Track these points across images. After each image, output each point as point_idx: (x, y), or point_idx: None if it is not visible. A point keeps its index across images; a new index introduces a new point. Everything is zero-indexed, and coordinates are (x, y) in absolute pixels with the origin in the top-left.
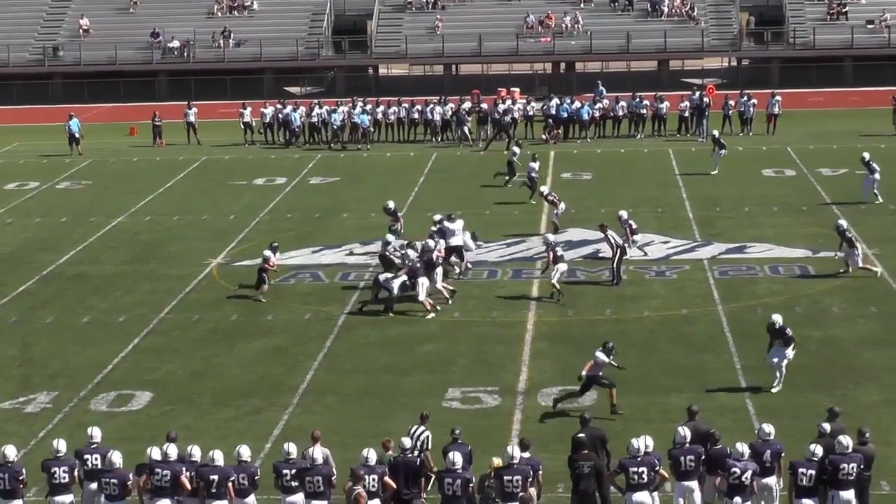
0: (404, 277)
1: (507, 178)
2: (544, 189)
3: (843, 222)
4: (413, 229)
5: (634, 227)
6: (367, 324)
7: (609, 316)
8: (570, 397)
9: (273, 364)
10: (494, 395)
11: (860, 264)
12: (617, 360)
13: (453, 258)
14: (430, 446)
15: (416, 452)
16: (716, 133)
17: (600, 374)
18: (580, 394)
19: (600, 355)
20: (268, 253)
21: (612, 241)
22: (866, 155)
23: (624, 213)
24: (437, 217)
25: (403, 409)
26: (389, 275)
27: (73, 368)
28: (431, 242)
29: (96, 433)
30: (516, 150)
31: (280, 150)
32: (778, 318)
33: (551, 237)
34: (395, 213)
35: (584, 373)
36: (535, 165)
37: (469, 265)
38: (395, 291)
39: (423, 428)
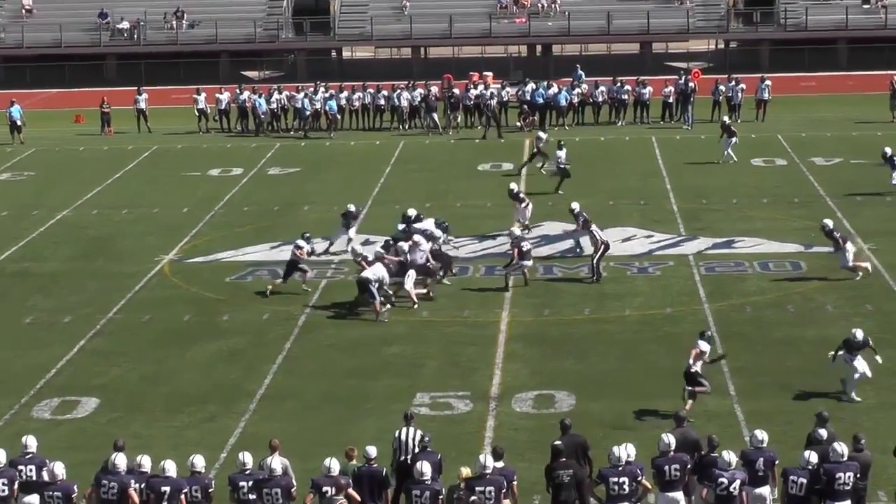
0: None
1: (540, 164)
2: (514, 186)
3: (829, 221)
4: (378, 224)
5: (587, 220)
6: (329, 325)
7: (588, 315)
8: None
9: (229, 368)
10: (466, 400)
11: (849, 264)
12: (712, 353)
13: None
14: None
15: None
16: (726, 119)
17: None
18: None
19: (702, 343)
20: (301, 242)
21: (597, 236)
22: (888, 150)
23: (576, 206)
24: (413, 212)
25: (369, 415)
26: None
27: (13, 373)
28: (404, 245)
29: (31, 442)
30: (543, 135)
31: (237, 139)
32: (859, 333)
33: (517, 231)
34: (356, 216)
35: (690, 362)
36: (563, 155)
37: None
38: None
39: (412, 429)
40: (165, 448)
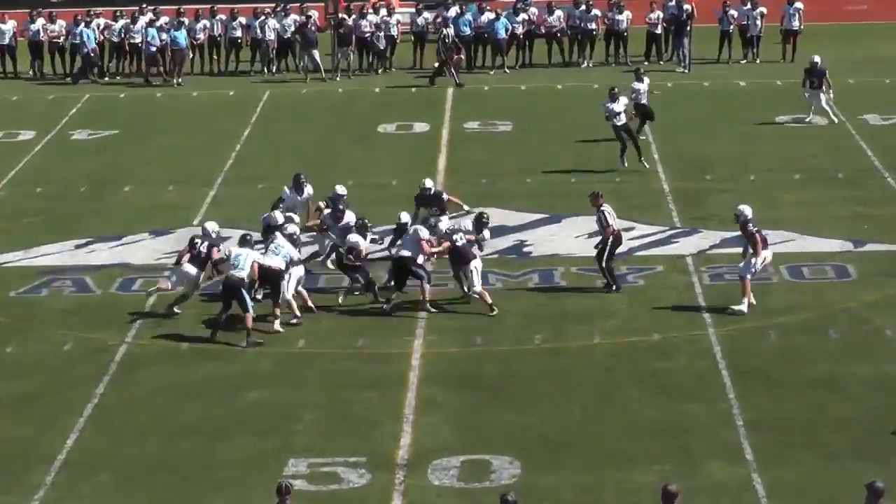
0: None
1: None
2: (430, 183)
3: (747, 209)
4: (230, 211)
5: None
6: (161, 359)
7: (540, 345)
8: None
9: (15, 422)
10: (360, 468)
11: (755, 271)
12: None
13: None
14: None
15: None
16: (816, 59)
17: None
18: None
19: None
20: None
21: (606, 220)
22: None
23: (405, 216)
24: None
25: (219, 490)
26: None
27: None
28: (283, 238)
29: None
30: (640, 86)
31: (28, 88)
32: None
33: (446, 223)
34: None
35: None
36: (620, 110)
37: None
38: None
39: None
40: None
